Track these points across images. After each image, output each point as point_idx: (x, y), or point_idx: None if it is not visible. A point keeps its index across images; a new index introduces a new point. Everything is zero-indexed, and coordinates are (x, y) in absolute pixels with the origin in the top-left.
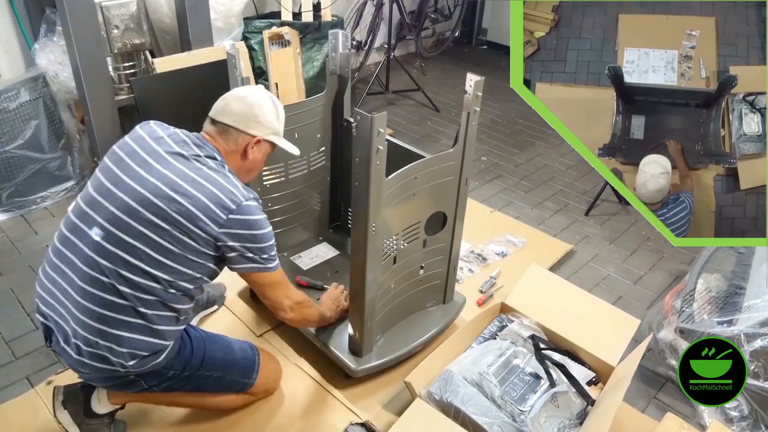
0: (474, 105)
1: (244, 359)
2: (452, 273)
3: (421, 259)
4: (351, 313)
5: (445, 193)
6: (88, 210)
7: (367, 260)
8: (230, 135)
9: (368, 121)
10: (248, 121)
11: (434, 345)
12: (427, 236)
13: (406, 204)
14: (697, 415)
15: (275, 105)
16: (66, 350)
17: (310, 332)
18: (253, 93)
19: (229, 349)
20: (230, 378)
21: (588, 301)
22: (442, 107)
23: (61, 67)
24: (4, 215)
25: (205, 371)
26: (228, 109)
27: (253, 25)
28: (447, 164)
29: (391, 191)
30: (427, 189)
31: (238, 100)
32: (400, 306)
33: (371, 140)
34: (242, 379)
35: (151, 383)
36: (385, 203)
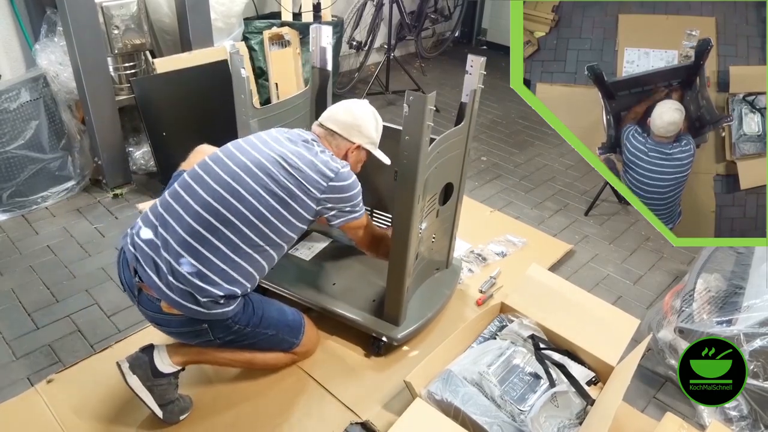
0: (479, 83)
1: (293, 320)
2: (454, 239)
3: (435, 228)
4: (391, 281)
5: (453, 165)
6: (214, 166)
7: (411, 229)
8: (334, 139)
9: (423, 100)
10: (351, 130)
11: (433, 344)
12: (440, 207)
13: (432, 175)
14: (697, 414)
15: (376, 119)
16: (156, 283)
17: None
18: (358, 107)
19: (282, 311)
20: (281, 336)
21: (588, 301)
22: (442, 107)
23: (61, 67)
24: (5, 215)
25: (263, 328)
26: (336, 118)
27: (253, 26)
28: (458, 138)
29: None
30: (444, 162)
31: (345, 111)
32: (419, 274)
33: (423, 118)
34: (291, 338)
35: (217, 335)
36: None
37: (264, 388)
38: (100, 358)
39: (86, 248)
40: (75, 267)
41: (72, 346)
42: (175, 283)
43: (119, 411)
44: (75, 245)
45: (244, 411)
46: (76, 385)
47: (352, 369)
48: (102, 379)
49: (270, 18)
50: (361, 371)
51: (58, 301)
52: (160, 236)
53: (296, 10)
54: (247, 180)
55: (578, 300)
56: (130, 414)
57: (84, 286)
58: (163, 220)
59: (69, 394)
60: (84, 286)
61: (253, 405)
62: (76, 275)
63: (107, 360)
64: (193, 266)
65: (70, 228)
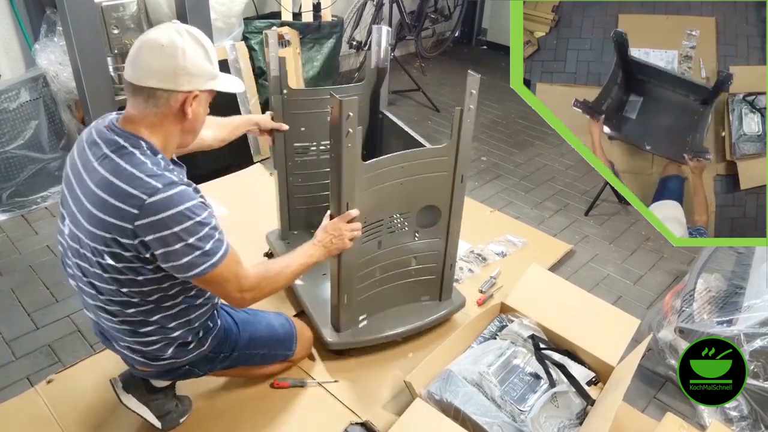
0: (469, 102)
1: (285, 334)
2: (448, 271)
3: (414, 250)
4: (331, 286)
5: (437, 187)
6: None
7: None
8: (159, 99)
9: (338, 104)
10: (176, 77)
11: (433, 345)
12: (419, 227)
13: (392, 191)
14: (697, 415)
15: (200, 42)
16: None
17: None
18: (167, 37)
19: (271, 327)
20: (274, 353)
21: (588, 301)
22: (442, 107)
23: (61, 67)
24: (5, 215)
25: (253, 350)
26: (149, 67)
27: (253, 25)
28: (438, 158)
29: (370, 176)
30: (418, 180)
31: (153, 52)
32: (389, 293)
33: (341, 124)
34: (285, 351)
35: (204, 369)
36: (364, 186)
37: (264, 389)
38: (100, 358)
39: None
40: None
41: (72, 346)
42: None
43: (119, 411)
44: None
45: (244, 412)
46: (76, 385)
47: (352, 369)
48: (102, 379)
49: (270, 18)
50: (361, 371)
51: (58, 301)
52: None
53: (296, 10)
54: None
55: (578, 300)
56: (131, 414)
57: None
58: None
59: (69, 394)
60: None
61: (252, 405)
62: None
63: (107, 360)
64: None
65: None
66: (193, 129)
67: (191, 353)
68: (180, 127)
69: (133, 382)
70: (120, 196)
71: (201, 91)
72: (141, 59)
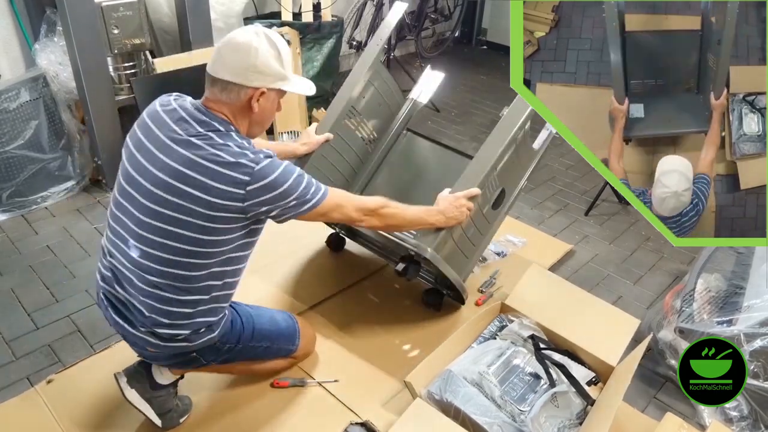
0: None
1: (287, 328)
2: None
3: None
4: None
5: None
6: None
7: None
8: (231, 91)
9: None
10: (247, 73)
11: (433, 345)
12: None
13: None
14: (697, 415)
15: (274, 45)
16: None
17: None
18: (243, 37)
19: (274, 321)
20: (277, 346)
21: (588, 301)
22: (442, 107)
23: (61, 67)
24: (5, 215)
25: (256, 342)
26: (224, 62)
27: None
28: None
29: None
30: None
31: (231, 49)
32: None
33: None
34: (287, 346)
35: (209, 359)
36: None
37: (264, 389)
38: (100, 358)
39: (86, 248)
40: (75, 267)
41: (72, 346)
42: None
43: (119, 411)
44: (75, 245)
45: (244, 412)
46: (76, 385)
47: (352, 369)
48: (102, 379)
49: (270, 18)
50: (361, 371)
51: (58, 301)
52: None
53: (296, 10)
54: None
55: (578, 300)
56: (131, 414)
57: (84, 286)
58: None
59: (69, 394)
60: (84, 286)
61: (253, 406)
62: (76, 275)
63: (107, 360)
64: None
65: (69, 228)
66: (259, 122)
67: (202, 337)
68: (249, 118)
69: (137, 377)
70: (229, 166)
71: (269, 89)
72: (220, 54)
